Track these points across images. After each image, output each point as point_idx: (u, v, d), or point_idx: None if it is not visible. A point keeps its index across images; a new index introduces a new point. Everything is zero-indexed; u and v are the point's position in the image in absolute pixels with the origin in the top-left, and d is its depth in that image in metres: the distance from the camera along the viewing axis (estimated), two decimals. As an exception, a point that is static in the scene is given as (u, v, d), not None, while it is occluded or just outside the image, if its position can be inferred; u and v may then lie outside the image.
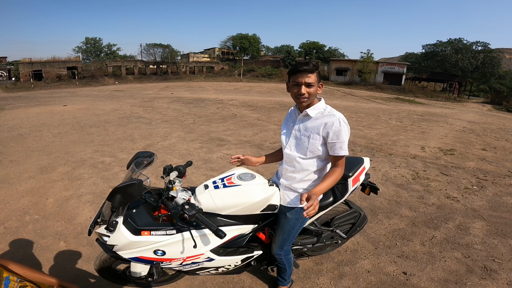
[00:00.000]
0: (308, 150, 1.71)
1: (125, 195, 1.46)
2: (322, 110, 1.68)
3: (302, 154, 1.74)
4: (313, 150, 1.69)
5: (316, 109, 1.68)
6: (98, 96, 17.33)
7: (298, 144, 1.75)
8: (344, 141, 1.62)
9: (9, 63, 35.16)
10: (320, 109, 1.68)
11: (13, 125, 8.15)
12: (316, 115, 1.68)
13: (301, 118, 1.75)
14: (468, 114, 15.83)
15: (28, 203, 3.52)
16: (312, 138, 1.68)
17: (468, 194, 4.23)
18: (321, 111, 1.68)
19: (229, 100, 15.11)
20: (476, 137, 8.78)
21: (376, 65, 33.59)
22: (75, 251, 2.66)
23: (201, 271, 1.84)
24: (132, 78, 35.40)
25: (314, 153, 1.70)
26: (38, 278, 1.29)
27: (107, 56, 51.25)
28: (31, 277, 1.28)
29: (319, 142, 1.67)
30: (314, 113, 1.68)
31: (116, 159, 5.21)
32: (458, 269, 2.59)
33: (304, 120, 1.73)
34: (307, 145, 1.70)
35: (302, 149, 1.73)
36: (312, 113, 1.68)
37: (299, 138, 1.74)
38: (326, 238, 2.30)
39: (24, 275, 1.27)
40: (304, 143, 1.71)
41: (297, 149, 1.76)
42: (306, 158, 1.73)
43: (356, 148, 6.42)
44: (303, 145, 1.72)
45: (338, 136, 1.61)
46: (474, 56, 46.60)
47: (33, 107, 12.51)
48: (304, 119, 1.73)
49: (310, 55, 47.14)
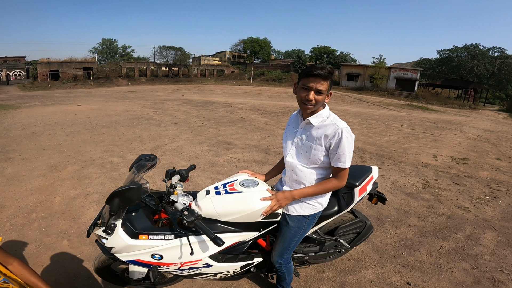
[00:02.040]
0: (310, 160, 1.65)
1: (124, 199, 1.46)
2: (325, 118, 1.60)
3: (304, 163, 1.68)
4: (315, 160, 1.63)
5: (319, 117, 1.61)
6: (111, 97, 17.71)
7: (299, 153, 1.69)
8: (344, 153, 1.54)
9: (28, 62, 36.38)
10: (323, 117, 1.61)
11: (27, 123, 8.38)
12: (318, 123, 1.60)
13: (303, 125, 1.68)
14: (483, 122, 15.40)
15: (36, 200, 3.59)
16: (314, 149, 1.61)
17: (480, 204, 4.09)
18: (323, 119, 1.60)
19: (238, 104, 15.15)
20: (491, 146, 8.51)
21: (388, 70, 33.18)
22: (77, 250, 2.69)
23: (199, 276, 1.82)
24: (144, 79, 36.10)
25: (316, 163, 1.65)
26: (32, 282, 1.30)
27: (121, 57, 52.46)
28: (27, 279, 1.29)
29: (321, 153, 1.60)
30: (317, 122, 1.60)
31: (125, 159, 5.27)
32: (465, 280, 2.50)
33: (306, 129, 1.66)
34: (309, 156, 1.64)
35: (304, 158, 1.67)
36: (315, 121, 1.61)
37: (301, 147, 1.68)
38: (329, 247, 2.25)
39: (21, 276, 1.28)
40: (306, 153, 1.65)
41: (298, 158, 1.70)
42: (309, 167, 1.68)
43: (365, 155, 6.31)
44: (304, 155, 1.66)
45: (339, 147, 1.53)
46: (491, 62, 45.35)
47: (48, 106, 12.87)
48: (306, 127, 1.67)
49: (321, 59, 47.06)
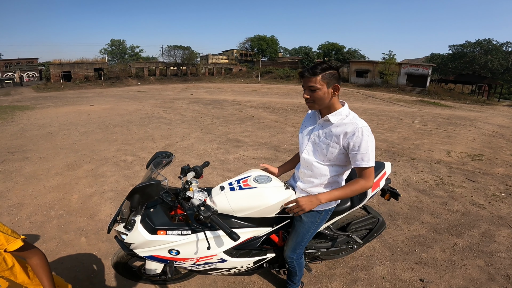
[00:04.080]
0: (326, 158, 1.64)
1: (144, 195, 1.50)
2: (344, 116, 1.59)
3: (320, 160, 1.68)
4: (331, 158, 1.63)
5: (338, 115, 1.59)
6: (122, 97, 18.00)
7: (316, 150, 1.69)
8: (367, 152, 1.51)
9: (40, 64, 37.39)
10: (342, 115, 1.59)
11: (43, 124, 8.62)
12: (337, 121, 1.59)
13: (321, 122, 1.67)
14: (498, 118, 14.98)
15: (54, 198, 3.71)
16: (331, 146, 1.60)
17: (495, 201, 4.01)
18: (343, 117, 1.59)
19: (246, 102, 15.19)
20: (506, 142, 8.29)
21: (399, 66, 32.58)
22: (95, 247, 2.77)
23: (213, 271, 1.86)
24: (153, 79, 36.51)
25: (332, 161, 1.64)
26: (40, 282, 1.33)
27: (130, 57, 53.20)
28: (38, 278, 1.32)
29: (338, 151, 1.60)
30: (336, 120, 1.59)
31: (137, 158, 5.38)
32: (479, 277, 2.47)
33: (324, 126, 1.65)
34: (326, 153, 1.63)
35: (320, 155, 1.66)
36: (334, 119, 1.59)
37: (318, 144, 1.67)
38: (341, 243, 2.26)
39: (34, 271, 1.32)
40: (323, 150, 1.64)
41: (315, 155, 1.69)
42: (324, 164, 1.67)
43: (377, 152, 6.23)
44: (321, 152, 1.65)
45: (360, 147, 1.51)
46: (505, 57, 43.95)
47: (62, 106, 13.19)
48: (324, 125, 1.65)
49: (329, 56, 46.57)
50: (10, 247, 1.20)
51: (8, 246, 1.19)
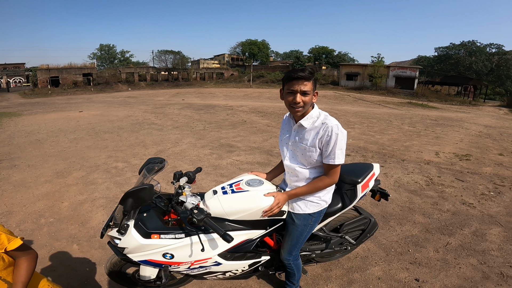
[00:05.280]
0: (307, 162, 1.69)
1: (137, 199, 1.50)
2: (315, 118, 1.62)
3: (301, 165, 1.72)
4: (312, 161, 1.67)
5: (309, 118, 1.63)
6: (112, 103, 17.78)
7: (296, 156, 1.74)
8: (334, 149, 1.56)
9: (28, 69, 36.51)
10: (313, 117, 1.63)
11: (31, 131, 8.44)
12: (309, 125, 1.63)
13: (296, 128, 1.71)
14: (484, 118, 15.40)
15: (44, 206, 3.63)
16: (308, 151, 1.65)
17: (484, 200, 4.11)
18: (314, 119, 1.62)
19: (239, 106, 15.21)
20: (493, 141, 8.52)
21: (387, 69, 33.20)
22: (87, 254, 2.72)
23: (208, 275, 1.85)
24: (144, 84, 36.19)
25: (313, 164, 1.69)
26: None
27: (120, 62, 52.68)
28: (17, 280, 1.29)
29: (316, 154, 1.64)
30: (308, 124, 1.63)
31: (129, 164, 5.31)
32: (473, 275, 2.52)
33: (299, 132, 1.69)
34: (305, 157, 1.68)
35: (301, 160, 1.71)
36: (306, 123, 1.63)
37: (296, 150, 1.72)
38: (335, 244, 2.28)
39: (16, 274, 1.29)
40: (302, 156, 1.69)
41: (296, 161, 1.75)
42: (307, 168, 1.72)
43: (368, 154, 6.33)
44: (301, 157, 1.70)
45: (329, 144, 1.56)
46: (489, 59, 45.31)
47: (50, 113, 12.94)
48: (299, 130, 1.70)
49: (319, 60, 47.14)
50: (10, 245, 1.23)
51: (8, 245, 1.23)
